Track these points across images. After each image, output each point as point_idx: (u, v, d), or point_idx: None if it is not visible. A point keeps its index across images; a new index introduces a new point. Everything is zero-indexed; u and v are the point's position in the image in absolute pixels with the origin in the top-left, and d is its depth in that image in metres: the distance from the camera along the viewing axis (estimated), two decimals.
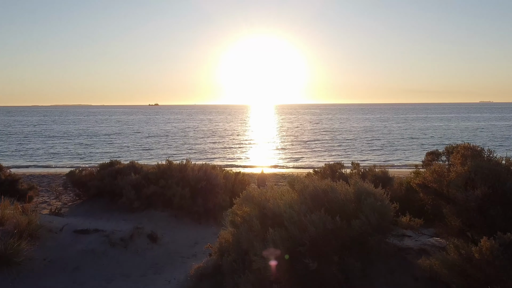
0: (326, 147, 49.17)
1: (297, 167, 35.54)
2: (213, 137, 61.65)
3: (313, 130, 75.89)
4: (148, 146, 48.88)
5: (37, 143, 53.24)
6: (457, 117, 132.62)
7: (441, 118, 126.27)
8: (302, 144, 52.60)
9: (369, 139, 58.38)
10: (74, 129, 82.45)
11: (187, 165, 12.15)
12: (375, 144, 51.67)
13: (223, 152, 44.29)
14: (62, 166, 34.99)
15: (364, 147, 47.96)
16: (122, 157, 38.56)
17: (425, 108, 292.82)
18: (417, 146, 48.70)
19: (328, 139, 57.84)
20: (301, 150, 46.56)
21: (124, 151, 44.65)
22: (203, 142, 54.00)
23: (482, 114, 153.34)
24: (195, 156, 40.72)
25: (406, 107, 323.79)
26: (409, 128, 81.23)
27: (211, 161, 37.29)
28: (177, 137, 60.87)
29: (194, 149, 46.42)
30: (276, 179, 26.38)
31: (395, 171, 29.79)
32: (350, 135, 64.50)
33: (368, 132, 70.27)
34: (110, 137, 60.45)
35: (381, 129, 79.34)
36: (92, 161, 36.64)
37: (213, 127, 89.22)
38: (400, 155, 41.94)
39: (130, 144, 50.39)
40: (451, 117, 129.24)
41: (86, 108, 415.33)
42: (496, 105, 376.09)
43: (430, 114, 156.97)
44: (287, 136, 63.99)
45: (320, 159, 38.84)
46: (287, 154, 42.86)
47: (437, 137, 60.14)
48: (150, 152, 43.08)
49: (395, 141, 54.61)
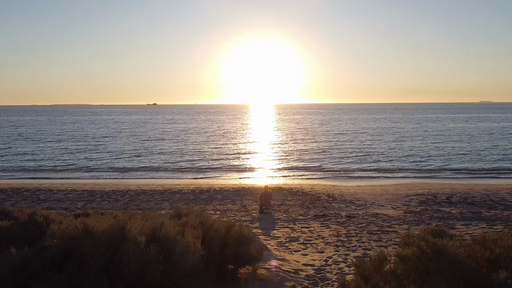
0: (343, 151, 43.50)
1: (307, 176, 30.21)
2: (213, 140, 55.61)
3: (326, 132, 69.20)
4: (141, 151, 43.17)
5: (13, 145, 48.17)
6: (476, 117, 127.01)
7: (455, 118, 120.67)
8: (313, 147, 46.91)
9: (396, 141, 52.87)
10: (65, 130, 77.33)
11: (128, 232, 6.02)
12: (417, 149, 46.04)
13: (223, 158, 38.78)
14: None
15: (401, 152, 42.14)
16: (99, 169, 33.27)
17: (428, 108, 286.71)
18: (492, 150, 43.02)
19: (345, 142, 51.69)
20: (312, 155, 41.03)
21: (111, 157, 39.36)
22: (201, 146, 48.38)
23: (502, 114, 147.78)
24: (190, 164, 35.44)
25: (407, 107, 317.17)
26: (446, 129, 75.68)
27: (209, 169, 32.06)
28: (174, 141, 55.17)
29: (191, 154, 41.13)
30: (282, 195, 21.17)
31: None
32: (367, 137, 59.03)
33: (393, 134, 64.70)
34: (99, 141, 54.97)
35: (409, 130, 73.84)
36: (50, 173, 31.57)
37: (213, 128, 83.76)
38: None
39: (120, 149, 44.89)
40: (468, 117, 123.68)
41: (85, 107, 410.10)
42: (498, 105, 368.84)
43: (439, 114, 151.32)
44: (295, 139, 57.68)
45: (337, 165, 33.50)
46: (295, 160, 37.32)
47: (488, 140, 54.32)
48: (139, 160, 37.71)
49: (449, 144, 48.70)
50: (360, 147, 46.82)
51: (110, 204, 19.36)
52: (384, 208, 18.43)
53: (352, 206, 18.90)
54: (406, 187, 24.25)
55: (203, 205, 19.06)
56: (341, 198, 20.50)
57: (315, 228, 14.04)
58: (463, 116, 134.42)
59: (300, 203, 19.43)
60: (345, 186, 25.43)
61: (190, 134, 66.72)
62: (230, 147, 47.64)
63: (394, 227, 14.20)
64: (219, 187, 23.86)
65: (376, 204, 19.30)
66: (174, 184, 25.70)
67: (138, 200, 20.10)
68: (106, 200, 20.15)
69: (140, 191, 22.30)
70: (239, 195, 21.19)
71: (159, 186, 24.37)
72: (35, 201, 19.93)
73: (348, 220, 15.38)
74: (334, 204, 19.32)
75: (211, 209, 18.30)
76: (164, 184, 25.67)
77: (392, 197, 20.89)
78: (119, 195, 21.12)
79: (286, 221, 15.42)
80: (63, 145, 50.07)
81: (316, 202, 19.55)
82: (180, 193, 21.65)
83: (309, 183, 26.44)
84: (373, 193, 22.13)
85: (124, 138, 58.27)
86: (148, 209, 18.15)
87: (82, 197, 20.71)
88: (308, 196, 21.01)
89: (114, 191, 22.27)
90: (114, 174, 31.00)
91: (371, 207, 18.58)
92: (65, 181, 27.97)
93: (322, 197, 20.71)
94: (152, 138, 59.59)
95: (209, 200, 20.05)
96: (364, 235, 12.86)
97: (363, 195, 21.33)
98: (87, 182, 26.82)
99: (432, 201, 19.82)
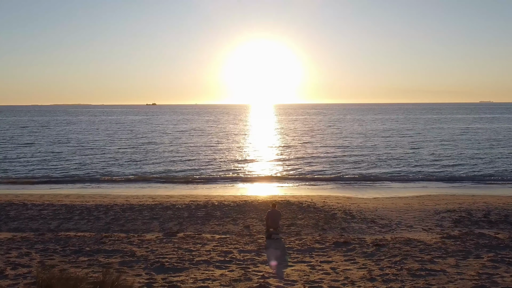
0: (354, 155, 40.38)
1: (317, 185, 27.24)
2: (212, 144, 51.57)
3: (334, 135, 65.65)
4: (135, 156, 39.79)
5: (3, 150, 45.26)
6: (485, 118, 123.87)
7: (463, 119, 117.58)
8: (321, 152, 43.55)
9: (411, 144, 49.85)
10: (54, 133, 74.43)
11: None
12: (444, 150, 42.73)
13: (224, 164, 35.67)
14: None
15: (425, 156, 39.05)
16: (86, 177, 30.11)
17: (431, 108, 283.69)
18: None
19: (355, 146, 48.24)
20: (321, 160, 37.94)
21: (101, 163, 36.41)
22: (200, 151, 44.98)
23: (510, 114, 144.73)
24: (187, 171, 32.46)
25: (409, 107, 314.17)
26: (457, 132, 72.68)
27: (208, 178, 29.08)
28: (171, 145, 51.78)
29: (189, 160, 38.15)
30: (291, 211, 18.27)
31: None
32: (378, 140, 55.99)
33: (406, 137, 61.66)
34: (91, 145, 51.57)
35: (421, 132, 70.83)
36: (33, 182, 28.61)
37: (214, 130, 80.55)
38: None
39: (112, 155, 41.71)
40: (476, 118, 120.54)
41: (85, 107, 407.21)
42: (501, 105, 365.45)
43: (446, 115, 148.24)
44: (302, 142, 53.68)
45: (349, 171, 30.38)
46: (303, 167, 34.23)
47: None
48: (132, 167, 34.73)
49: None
50: (372, 150, 43.69)
51: (89, 224, 16.42)
52: (414, 230, 15.48)
53: (375, 227, 15.95)
54: (432, 201, 21.28)
55: (198, 225, 16.14)
56: (360, 216, 17.55)
57: (338, 265, 11.09)
58: (470, 116, 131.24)
59: (314, 222, 16.50)
60: (361, 198, 22.46)
61: (189, 137, 63.72)
62: (231, 152, 44.28)
63: (438, 262, 11.24)
64: (219, 200, 20.91)
65: (403, 224, 16.34)
66: (167, 196, 22.75)
67: (123, 218, 17.16)
68: (86, 218, 17.22)
69: (127, 206, 19.35)
70: (241, 212, 18.26)
71: (150, 199, 21.44)
72: (2, 219, 17.02)
73: (377, 250, 12.43)
74: (354, 224, 16.37)
75: (208, 231, 15.38)
76: (156, 196, 22.73)
77: (420, 214, 17.93)
78: (102, 212, 18.19)
79: (301, 251, 12.47)
80: (52, 149, 47.12)
81: (332, 222, 16.61)
82: (173, 209, 18.69)
83: (320, 195, 23.47)
84: (396, 208, 19.17)
85: (117, 142, 55.19)
86: (133, 231, 15.28)
87: (59, 215, 17.78)
88: (321, 213, 18.05)
89: (97, 206, 19.33)
90: (101, 184, 27.94)
91: (399, 229, 15.63)
92: (46, 191, 25.07)
93: (338, 215, 17.76)
94: (148, 141, 56.55)
95: (206, 218, 17.11)
96: (406, 279, 9.89)
97: (385, 212, 18.37)
98: (70, 193, 23.89)
99: (467, 220, 16.86)
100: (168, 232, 14.90)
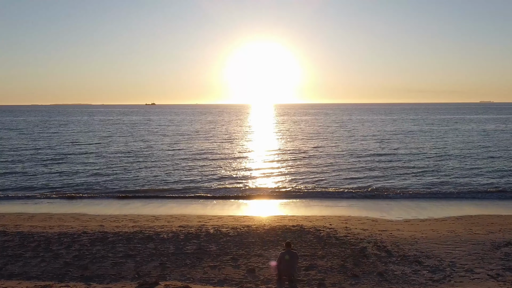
0: (372, 162, 35.76)
1: (334, 202, 23.15)
2: (211, 151, 45.29)
3: (346, 137, 60.39)
4: (123, 166, 34.44)
5: None
6: (491, 118, 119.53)
7: (476, 119, 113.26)
8: (335, 159, 38.33)
9: (433, 149, 45.63)
10: (46, 135, 70.45)
11: None
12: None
13: (223, 175, 31.13)
14: None
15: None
16: (59, 191, 25.12)
17: (434, 108, 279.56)
18: None
19: (373, 152, 42.81)
20: (336, 168, 33.61)
21: (82, 174, 32.31)
22: (197, 159, 39.36)
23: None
24: (179, 183, 28.31)
25: (414, 107, 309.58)
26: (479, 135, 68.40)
27: (203, 194, 24.78)
28: (167, 151, 47.58)
29: (182, 170, 33.98)
30: (308, 244, 14.33)
31: None
32: (395, 143, 51.77)
33: (426, 142, 57.40)
34: (75, 150, 47.44)
35: (440, 134, 66.60)
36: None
37: (214, 133, 76.07)
38: None
39: (96, 164, 37.20)
40: (488, 119, 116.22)
41: (85, 107, 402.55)
42: (498, 105, 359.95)
43: (455, 115, 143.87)
44: (313, 147, 48.02)
45: (369, 182, 26.21)
46: (316, 177, 29.84)
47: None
48: (116, 180, 30.61)
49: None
50: (392, 157, 39.11)
51: (42, 265, 12.38)
52: (478, 277, 11.43)
53: (423, 271, 11.89)
54: (480, 226, 17.18)
55: (187, 268, 12.10)
56: (398, 252, 13.48)
57: None
58: (483, 117, 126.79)
59: (339, 263, 12.46)
60: (390, 222, 18.36)
61: (185, 142, 59.56)
62: (231, 160, 38.36)
63: None
64: (215, 225, 16.85)
65: (459, 266, 12.26)
66: (152, 217, 18.70)
67: (89, 256, 13.11)
68: (41, 255, 13.18)
69: (99, 235, 15.28)
70: (243, 245, 14.19)
71: (130, 223, 17.40)
72: None
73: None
74: (393, 266, 12.30)
75: (199, 278, 11.41)
76: (138, 217, 18.67)
77: (474, 248, 13.85)
78: (64, 245, 14.13)
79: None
80: (31, 155, 43.11)
81: (363, 262, 12.56)
82: (156, 241, 14.62)
83: (338, 216, 19.40)
84: (440, 238, 15.07)
85: (108, 147, 50.92)
86: (97, 279, 11.29)
87: (7, 249, 13.74)
88: (347, 247, 13.98)
89: (60, 235, 15.26)
90: (77, 200, 23.31)
91: (456, 275, 11.58)
92: (7, 208, 20.98)
93: (369, 250, 13.69)
94: (140, 146, 52.35)
95: (197, 257, 13.03)
96: None
97: (429, 245, 14.27)
98: (33, 214, 19.81)
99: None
100: (144, 284, 10.84)
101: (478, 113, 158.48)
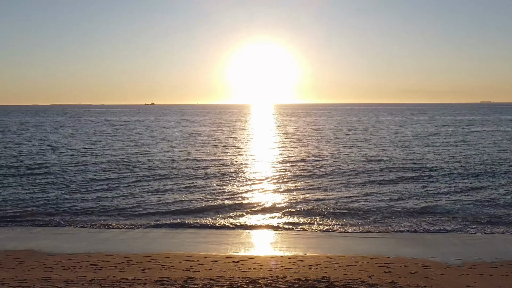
0: (400, 174, 29.47)
1: (357, 231, 18.01)
2: (209, 161, 37.04)
3: (363, 142, 52.91)
4: (104, 183, 27.22)
5: None
6: (497, 119, 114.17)
7: (491, 120, 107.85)
8: (358, 171, 31.07)
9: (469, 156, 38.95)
10: (34, 140, 65.67)
11: None
12: None
13: (220, 195, 25.16)
14: None
15: None
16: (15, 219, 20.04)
17: (439, 108, 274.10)
18: None
19: (401, 158, 36.74)
20: (357, 180, 28.08)
21: (54, 192, 27.15)
22: (190, 173, 31.51)
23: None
24: (163, 206, 22.97)
25: (412, 107, 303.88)
26: None
27: (192, 222, 19.29)
28: (160, 161, 39.64)
29: (174, 186, 28.38)
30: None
31: None
32: (419, 148, 46.42)
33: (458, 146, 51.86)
34: (49, 162, 40.36)
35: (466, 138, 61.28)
36: None
37: (215, 136, 70.07)
38: None
39: (67, 181, 29.11)
40: (494, 119, 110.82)
41: (84, 107, 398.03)
42: (499, 105, 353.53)
43: (468, 116, 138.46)
44: (324, 155, 39.95)
45: (395, 203, 20.90)
46: (335, 199, 23.78)
47: None
48: (92, 200, 25.29)
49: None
50: (423, 164, 33.24)
51: None
52: None
53: None
54: None
55: None
56: None
57: None
58: (497, 118, 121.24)
59: None
60: (449, 270, 13.18)
61: (182, 149, 54.54)
62: (230, 176, 29.48)
63: None
64: (206, 279, 11.74)
65: None
66: (122, 263, 13.56)
67: None
68: None
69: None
70: None
71: (89, 272, 12.30)
72: None
73: None
74: None
75: None
76: (102, 264, 13.52)
77: None
78: None
79: None
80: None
81: None
82: None
83: (375, 256, 14.27)
84: None
85: (94, 156, 44.88)
86: None
87: None
88: None
89: None
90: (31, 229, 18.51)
91: None
92: None
93: None
94: (133, 152, 47.11)
95: None
96: None
97: None
98: None
99: None
100: None
101: (486, 114, 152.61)
